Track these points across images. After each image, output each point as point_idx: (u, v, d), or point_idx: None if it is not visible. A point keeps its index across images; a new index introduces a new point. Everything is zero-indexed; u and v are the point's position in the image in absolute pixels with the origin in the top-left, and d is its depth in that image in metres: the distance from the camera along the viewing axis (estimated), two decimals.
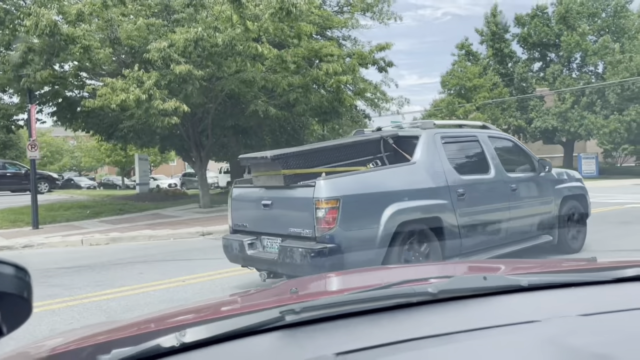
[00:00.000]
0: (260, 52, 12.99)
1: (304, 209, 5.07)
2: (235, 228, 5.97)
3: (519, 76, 42.15)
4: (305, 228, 5.04)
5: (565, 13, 39.00)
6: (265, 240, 5.55)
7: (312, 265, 4.78)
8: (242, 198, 5.96)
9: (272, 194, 5.49)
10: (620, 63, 35.38)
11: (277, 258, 5.22)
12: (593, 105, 37.24)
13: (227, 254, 6.00)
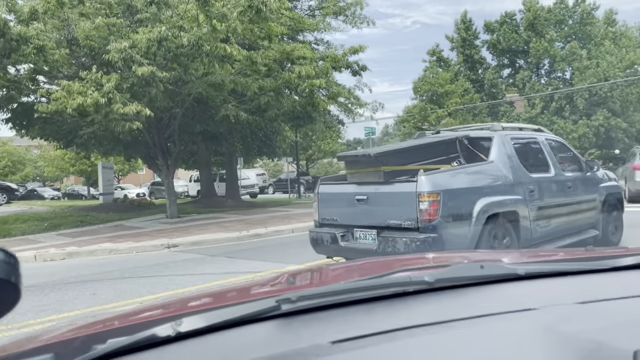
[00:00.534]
0: (228, 53, 12.33)
1: (405, 202, 5.43)
2: (322, 222, 6.36)
3: (489, 82, 42.48)
4: (406, 220, 5.43)
5: (533, 20, 39.49)
6: (358, 232, 5.91)
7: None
8: (331, 194, 6.35)
9: (367, 189, 5.85)
10: (588, 69, 35.93)
11: (377, 248, 5.59)
12: (562, 110, 37.71)
13: (316, 246, 6.39)
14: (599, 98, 36.44)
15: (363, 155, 6.15)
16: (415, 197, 5.34)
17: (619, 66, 35.22)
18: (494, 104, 42.24)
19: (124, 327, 1.24)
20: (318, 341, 0.96)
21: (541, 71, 41.63)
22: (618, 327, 1.02)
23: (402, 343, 0.97)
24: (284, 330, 1.05)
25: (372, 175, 5.85)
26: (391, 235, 5.53)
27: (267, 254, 9.48)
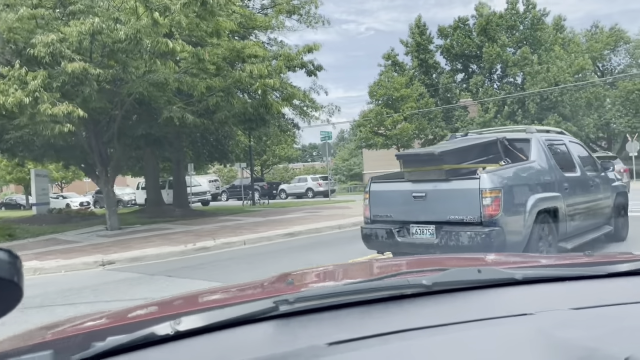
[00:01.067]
0: (171, 49, 11.22)
1: (467, 198, 5.78)
2: (374, 219, 6.66)
3: (444, 87, 42.69)
4: (469, 215, 5.78)
5: (485, 25, 39.95)
6: (414, 228, 6.22)
7: (482, 246, 5.52)
8: (383, 192, 6.66)
9: (425, 187, 6.16)
10: (539, 74, 36.57)
11: (439, 241, 5.93)
12: (515, 114, 38.22)
13: (369, 242, 6.70)
14: (550, 102, 37.16)
15: (425, 154, 6.43)
16: (479, 193, 5.70)
17: (568, 71, 36.00)
18: (449, 108, 42.48)
19: (123, 325, 1.24)
20: (315, 342, 0.97)
21: (494, 76, 42.19)
22: (612, 333, 1.02)
23: (398, 346, 0.98)
24: (282, 331, 1.06)
25: (434, 173, 6.13)
26: (454, 230, 5.85)
27: (214, 271, 8.45)
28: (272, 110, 14.27)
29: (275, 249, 10.45)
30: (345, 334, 1.00)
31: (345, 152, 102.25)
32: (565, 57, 37.09)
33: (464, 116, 41.33)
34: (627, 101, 45.13)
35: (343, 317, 1.11)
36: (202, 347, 1.00)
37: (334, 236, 11.99)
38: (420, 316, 1.13)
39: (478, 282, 1.27)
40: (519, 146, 6.91)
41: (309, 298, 1.12)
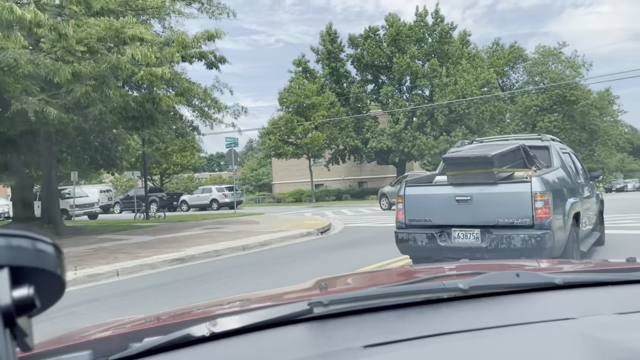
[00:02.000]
0: (19, 17, 8.44)
1: (518, 202, 5.86)
2: (410, 223, 6.48)
3: (355, 96, 41.91)
4: (519, 218, 5.83)
5: (396, 36, 39.74)
6: (457, 232, 6.16)
7: (535, 249, 5.65)
8: (421, 195, 6.54)
9: (470, 190, 6.12)
10: (447, 86, 36.78)
11: (488, 245, 5.92)
12: (424, 126, 38.18)
13: (405, 247, 6.50)
14: (457, 115, 37.52)
15: (478, 158, 6.26)
16: (531, 196, 5.76)
17: (475, 84, 36.54)
18: (360, 118, 41.72)
19: (159, 327, 1.26)
20: (350, 345, 0.97)
21: (404, 87, 42.11)
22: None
23: (434, 349, 0.97)
24: (317, 334, 1.05)
25: (484, 176, 6.10)
26: (504, 233, 5.85)
27: (65, 322, 5.84)
28: (162, 106, 11.73)
29: (154, 283, 7.97)
30: (381, 337, 0.99)
31: (254, 162, 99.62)
32: (472, 70, 37.70)
33: (374, 127, 40.75)
34: (525, 116, 47.29)
35: (378, 320, 1.10)
36: (238, 348, 1.00)
37: (236, 261, 9.73)
38: (458, 320, 1.11)
39: (517, 286, 1.24)
40: (539, 153, 7.03)
41: (343, 300, 1.12)
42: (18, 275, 0.58)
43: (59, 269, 0.64)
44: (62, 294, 0.66)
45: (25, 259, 0.60)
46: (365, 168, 50.81)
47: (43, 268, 0.61)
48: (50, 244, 0.63)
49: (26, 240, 0.60)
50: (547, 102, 45.65)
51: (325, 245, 11.32)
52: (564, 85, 44.86)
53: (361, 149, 40.91)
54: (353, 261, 8.85)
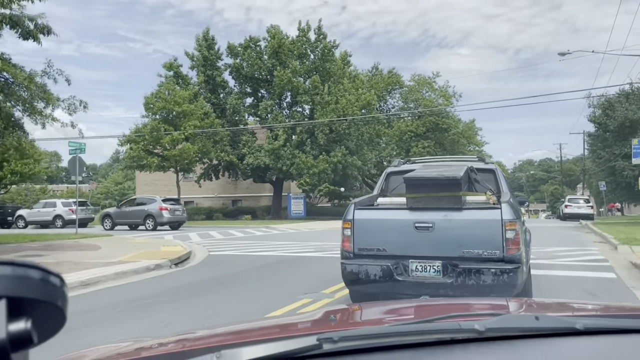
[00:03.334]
0: None
1: (486, 231, 5.18)
2: (359, 253, 5.65)
3: (232, 108, 39.03)
4: (487, 249, 5.16)
5: (277, 48, 37.81)
6: (414, 264, 5.41)
7: (506, 285, 5.04)
8: (374, 220, 5.71)
9: (431, 216, 5.39)
10: (328, 105, 35.51)
11: (454, 281, 5.20)
12: (304, 144, 36.45)
13: (353, 282, 5.62)
14: (337, 135, 36.38)
15: (445, 178, 5.49)
16: (502, 225, 5.12)
17: (356, 105, 35.70)
18: (236, 132, 38.86)
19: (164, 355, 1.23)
20: None
21: (284, 103, 40.18)
22: None
23: None
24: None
25: (450, 200, 5.42)
26: (472, 267, 5.16)
27: None
28: None
29: None
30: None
31: (120, 175, 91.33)
32: (353, 91, 36.94)
33: (252, 142, 38.16)
34: (401, 141, 47.97)
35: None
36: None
37: None
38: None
39: (536, 330, 1.19)
40: (484, 176, 6.40)
41: (354, 337, 1.08)
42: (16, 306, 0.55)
43: (61, 300, 0.61)
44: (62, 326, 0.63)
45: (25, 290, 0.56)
46: (241, 185, 47.87)
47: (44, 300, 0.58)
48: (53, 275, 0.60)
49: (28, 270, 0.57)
50: (421, 128, 46.73)
51: (175, 287, 8.34)
52: (437, 113, 46.32)
53: (237, 164, 38.01)
54: (216, 315, 6.08)
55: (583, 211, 36.42)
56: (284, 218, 37.41)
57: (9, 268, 0.56)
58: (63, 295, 0.61)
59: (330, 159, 35.13)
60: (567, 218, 36.73)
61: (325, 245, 14.87)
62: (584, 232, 20.36)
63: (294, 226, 27.55)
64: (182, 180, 39.35)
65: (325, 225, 28.36)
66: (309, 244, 15.48)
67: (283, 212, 39.06)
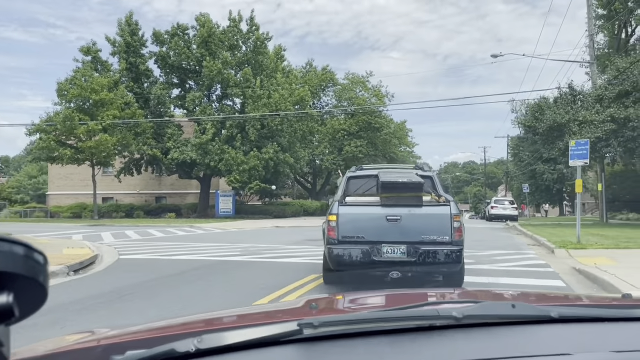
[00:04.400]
0: None
1: (439, 222, 6.88)
2: (343, 240, 6.98)
3: (157, 99, 36.64)
4: (440, 235, 6.83)
5: (207, 37, 35.89)
6: (386, 247, 6.86)
7: (454, 262, 6.83)
8: (354, 214, 7.07)
9: (399, 211, 6.95)
10: (260, 99, 34.12)
11: (417, 259, 6.78)
12: (234, 139, 34.83)
13: (338, 262, 6.93)
14: (269, 131, 35.06)
15: (412, 182, 7.08)
16: (450, 218, 6.87)
17: (289, 100, 34.56)
18: (161, 124, 36.54)
19: (144, 340, 1.20)
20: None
21: (213, 95, 38.29)
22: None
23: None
24: (305, 356, 1.03)
25: (414, 199, 7.03)
26: (429, 249, 6.79)
27: None
28: None
29: None
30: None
31: (34, 168, 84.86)
32: (287, 86, 35.77)
33: (177, 135, 36.00)
34: (334, 139, 47.41)
35: (369, 346, 1.07)
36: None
37: None
38: (451, 350, 1.08)
39: (512, 317, 1.22)
40: (425, 182, 7.32)
41: (334, 323, 1.10)
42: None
43: (42, 277, 0.61)
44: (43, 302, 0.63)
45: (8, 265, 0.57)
46: (166, 182, 45.29)
47: (25, 275, 0.58)
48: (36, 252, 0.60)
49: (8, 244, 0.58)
50: (354, 127, 46.41)
51: (62, 303, 6.75)
52: (370, 112, 46.17)
53: (160, 159, 35.70)
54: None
55: (508, 212, 37.49)
56: (210, 217, 35.58)
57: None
58: (45, 273, 0.61)
59: (261, 156, 33.76)
60: (493, 219, 37.72)
61: (254, 248, 13.63)
62: (514, 234, 20.41)
63: (221, 225, 25.98)
64: (100, 174, 36.51)
65: (255, 225, 27.02)
66: (236, 246, 14.15)
67: (210, 210, 37.20)
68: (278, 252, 12.64)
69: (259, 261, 10.78)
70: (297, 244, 14.73)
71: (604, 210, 25.95)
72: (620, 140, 18.53)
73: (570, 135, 21.21)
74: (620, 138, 18.58)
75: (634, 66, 19.82)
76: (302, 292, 7.23)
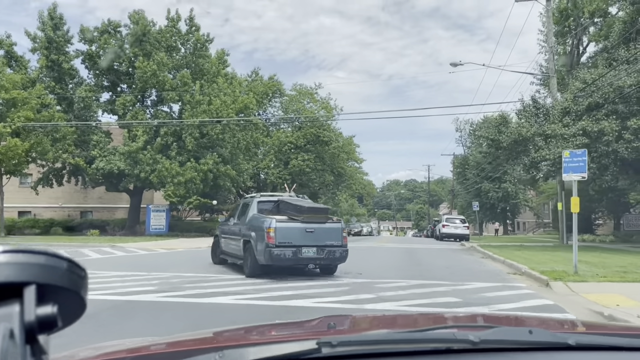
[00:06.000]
0: None
1: (335, 233, 10.94)
2: (279, 244, 10.43)
3: (82, 102, 32.73)
4: (335, 241, 10.87)
5: (142, 36, 32.52)
6: (304, 249, 10.59)
7: (343, 257, 11.06)
8: (285, 227, 10.61)
9: (313, 226, 10.77)
10: (200, 104, 31.00)
11: (324, 256, 10.72)
12: (169, 148, 31.43)
13: (277, 258, 10.41)
14: (209, 140, 31.92)
15: (324, 208, 11.90)
16: (341, 230, 11.08)
17: (232, 107, 31.61)
18: (86, 130, 32.60)
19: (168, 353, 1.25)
20: None
21: (148, 100, 34.78)
22: None
23: None
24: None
25: (322, 218, 11.03)
26: (330, 249, 10.77)
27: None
28: None
29: None
30: None
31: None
32: (230, 92, 32.86)
33: (105, 143, 32.18)
34: (280, 152, 44.71)
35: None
36: None
37: None
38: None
39: (529, 344, 1.20)
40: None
41: (352, 343, 1.11)
42: (42, 293, 0.60)
43: (83, 290, 0.66)
44: (82, 313, 0.68)
45: (52, 278, 0.61)
46: (92, 195, 40.97)
47: (67, 287, 0.63)
48: (77, 265, 0.65)
49: (55, 259, 0.62)
50: (301, 140, 43.93)
51: None
52: (319, 125, 43.90)
53: (84, 169, 31.72)
54: None
55: (460, 231, 36.03)
56: (140, 234, 31.81)
57: (42, 257, 0.61)
58: (85, 286, 0.66)
59: (199, 167, 30.51)
60: (444, 238, 36.14)
61: (177, 278, 10.66)
62: (479, 257, 18.41)
63: (148, 245, 22.57)
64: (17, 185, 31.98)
65: (190, 244, 23.75)
66: (153, 276, 11.09)
67: (140, 227, 33.39)
68: (207, 284, 9.75)
69: (176, 302, 7.88)
70: (234, 272, 11.88)
71: (564, 231, 24.61)
72: (593, 156, 17.03)
73: (537, 150, 19.62)
74: (593, 153, 17.10)
75: (605, 78, 18.49)
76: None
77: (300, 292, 8.84)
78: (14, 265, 0.60)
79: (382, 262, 15.44)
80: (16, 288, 0.59)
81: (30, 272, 0.59)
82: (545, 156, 18.48)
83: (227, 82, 34.30)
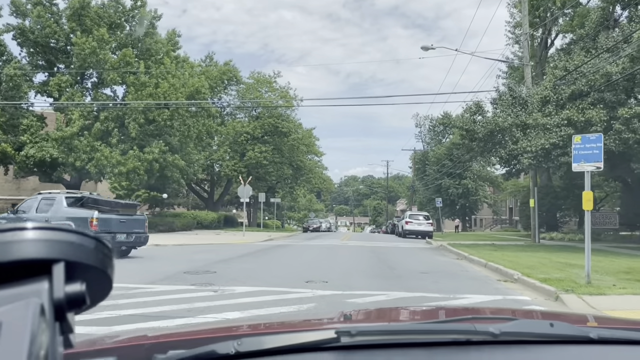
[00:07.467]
0: None
1: (140, 223, 14.56)
2: (100, 232, 12.56)
3: (10, 81, 29.14)
4: (140, 229, 14.45)
5: (80, 10, 29.23)
6: (118, 235, 13.57)
7: (146, 240, 14.89)
8: (105, 218, 13.50)
9: (125, 217, 14.06)
10: (146, 87, 28.05)
11: (132, 240, 14.19)
12: (109, 135, 28.34)
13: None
14: (156, 127, 29.01)
15: (132, 204, 16.06)
16: (144, 221, 14.87)
17: (182, 91, 28.80)
18: (15, 114, 29.06)
19: (185, 340, 1.24)
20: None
21: (88, 82, 31.46)
22: None
23: None
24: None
25: (131, 211, 14.82)
26: (134, 233, 14.14)
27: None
28: None
29: None
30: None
31: None
32: (179, 74, 30.02)
33: (37, 127, 28.75)
34: (235, 143, 42.07)
35: (406, 357, 1.08)
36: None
37: None
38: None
39: (550, 337, 1.19)
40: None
41: (371, 332, 1.11)
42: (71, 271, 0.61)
43: (110, 269, 0.66)
44: (109, 292, 0.69)
45: (80, 256, 0.62)
46: (26, 185, 37.31)
47: (95, 266, 0.64)
48: (104, 244, 0.66)
49: (83, 237, 0.63)
50: (259, 130, 41.45)
51: None
52: (277, 115, 41.53)
53: (12, 156, 28.24)
54: None
55: (423, 228, 34.61)
56: None
57: (71, 235, 0.62)
58: (112, 265, 0.67)
59: (143, 156, 27.61)
60: (407, 234, 34.65)
61: None
62: (453, 259, 16.63)
63: None
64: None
65: None
66: None
67: None
68: (128, 308, 7.31)
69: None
70: (170, 283, 9.44)
71: (536, 229, 23.29)
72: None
73: (516, 142, 18.01)
74: None
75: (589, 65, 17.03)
76: None
77: (249, 313, 6.57)
78: (43, 242, 0.59)
79: (349, 265, 13.35)
80: (45, 265, 0.59)
81: (60, 249, 0.59)
82: (525, 148, 16.86)
83: (177, 64, 31.42)
